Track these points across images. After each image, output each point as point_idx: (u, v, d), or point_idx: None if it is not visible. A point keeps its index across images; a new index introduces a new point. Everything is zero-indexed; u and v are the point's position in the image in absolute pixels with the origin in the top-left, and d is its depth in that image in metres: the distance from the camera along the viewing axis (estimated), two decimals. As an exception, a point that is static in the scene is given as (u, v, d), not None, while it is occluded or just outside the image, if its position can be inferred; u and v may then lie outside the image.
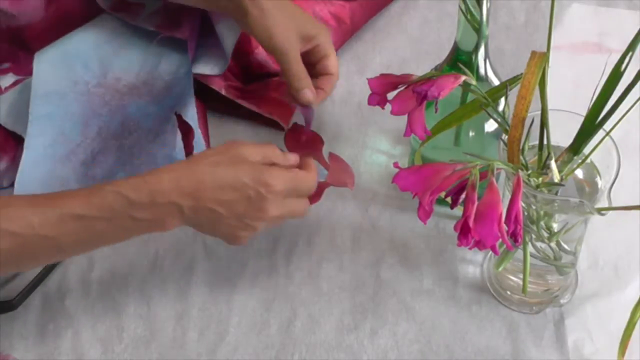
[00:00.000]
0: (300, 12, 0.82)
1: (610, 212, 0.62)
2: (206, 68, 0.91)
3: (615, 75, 0.61)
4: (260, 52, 0.92)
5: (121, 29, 0.93)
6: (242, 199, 0.67)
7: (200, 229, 0.70)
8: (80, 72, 0.90)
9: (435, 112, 0.63)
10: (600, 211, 0.62)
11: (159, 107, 0.89)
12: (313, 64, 0.82)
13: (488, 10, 0.68)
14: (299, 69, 0.79)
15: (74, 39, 0.92)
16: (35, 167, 0.84)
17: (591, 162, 0.66)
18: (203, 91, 0.90)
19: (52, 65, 0.90)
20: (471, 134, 0.77)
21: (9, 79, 0.92)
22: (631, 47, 0.60)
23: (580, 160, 0.66)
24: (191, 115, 0.85)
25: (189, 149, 0.84)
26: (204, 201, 0.66)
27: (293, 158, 0.73)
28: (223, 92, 0.89)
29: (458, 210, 0.61)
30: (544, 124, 0.64)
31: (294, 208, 0.71)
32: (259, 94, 0.91)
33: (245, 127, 0.91)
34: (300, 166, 0.73)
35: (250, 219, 0.68)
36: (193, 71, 0.89)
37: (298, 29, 0.79)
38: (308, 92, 0.79)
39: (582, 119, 0.64)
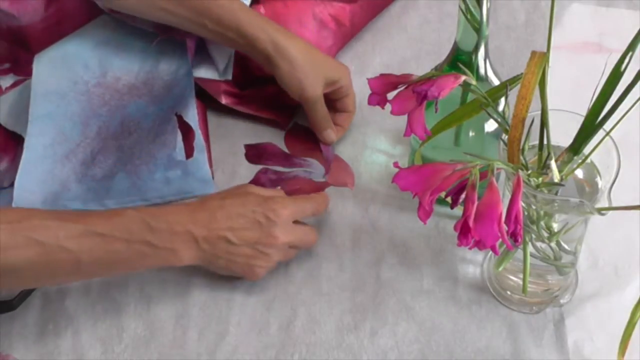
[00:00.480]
0: (324, 58, 0.86)
1: (610, 212, 0.62)
2: (206, 72, 0.91)
3: (615, 75, 0.61)
4: None
5: (121, 30, 0.93)
6: (252, 225, 0.71)
7: (217, 264, 0.73)
8: (80, 72, 0.90)
9: (435, 112, 0.63)
10: (600, 211, 0.62)
11: (158, 107, 0.89)
12: (333, 101, 0.87)
13: (488, 10, 0.68)
14: (323, 113, 0.85)
15: (74, 40, 0.92)
16: (35, 167, 0.84)
17: (591, 162, 0.66)
18: (203, 91, 0.90)
19: (52, 65, 0.90)
20: (471, 134, 0.77)
21: (9, 79, 0.93)
22: (631, 47, 0.60)
23: (580, 160, 0.66)
24: (191, 115, 0.85)
25: (189, 149, 0.84)
26: (216, 230, 0.70)
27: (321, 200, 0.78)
28: (222, 100, 0.90)
29: (458, 210, 0.61)
30: (544, 124, 0.64)
31: (303, 234, 0.75)
32: (256, 98, 0.91)
33: (246, 127, 0.91)
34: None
35: (263, 245, 0.72)
36: (193, 75, 0.90)
37: (324, 76, 0.84)
38: (331, 133, 0.86)
39: (582, 119, 0.64)
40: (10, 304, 0.75)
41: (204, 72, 0.91)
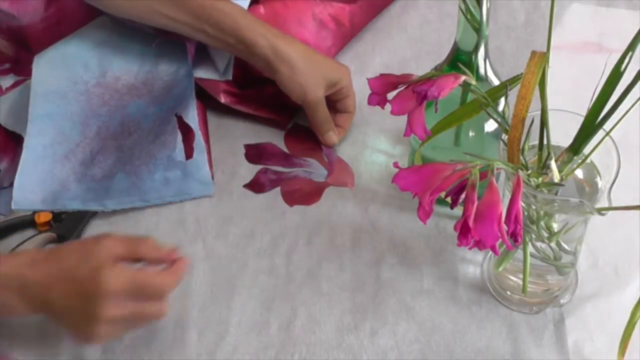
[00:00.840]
0: (324, 60, 0.86)
1: (610, 212, 0.62)
2: (206, 73, 0.91)
3: (615, 75, 0.61)
4: None
5: (120, 30, 0.93)
6: (76, 293, 0.65)
7: (53, 318, 0.68)
8: (80, 72, 0.90)
9: (435, 112, 0.63)
10: (600, 211, 0.62)
11: (159, 107, 0.89)
12: (334, 102, 0.87)
13: (488, 10, 0.68)
14: (325, 115, 0.85)
15: (73, 40, 0.92)
16: (35, 167, 0.84)
17: (591, 162, 0.66)
18: (203, 91, 0.90)
19: (51, 65, 0.90)
20: (471, 134, 0.77)
21: (10, 79, 0.92)
22: (631, 47, 0.60)
23: (580, 160, 0.66)
24: (192, 116, 0.85)
25: (189, 150, 0.84)
26: (49, 294, 0.65)
27: (167, 252, 0.69)
28: (222, 99, 0.90)
29: (458, 210, 0.61)
30: (544, 124, 0.64)
31: (139, 310, 0.66)
32: (256, 98, 0.91)
33: (246, 127, 0.91)
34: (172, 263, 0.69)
35: (87, 315, 0.65)
36: (193, 75, 0.90)
37: (324, 78, 0.84)
38: (333, 135, 0.86)
39: (582, 119, 0.64)
40: None
41: (204, 73, 0.91)
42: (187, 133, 0.85)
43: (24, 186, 0.82)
